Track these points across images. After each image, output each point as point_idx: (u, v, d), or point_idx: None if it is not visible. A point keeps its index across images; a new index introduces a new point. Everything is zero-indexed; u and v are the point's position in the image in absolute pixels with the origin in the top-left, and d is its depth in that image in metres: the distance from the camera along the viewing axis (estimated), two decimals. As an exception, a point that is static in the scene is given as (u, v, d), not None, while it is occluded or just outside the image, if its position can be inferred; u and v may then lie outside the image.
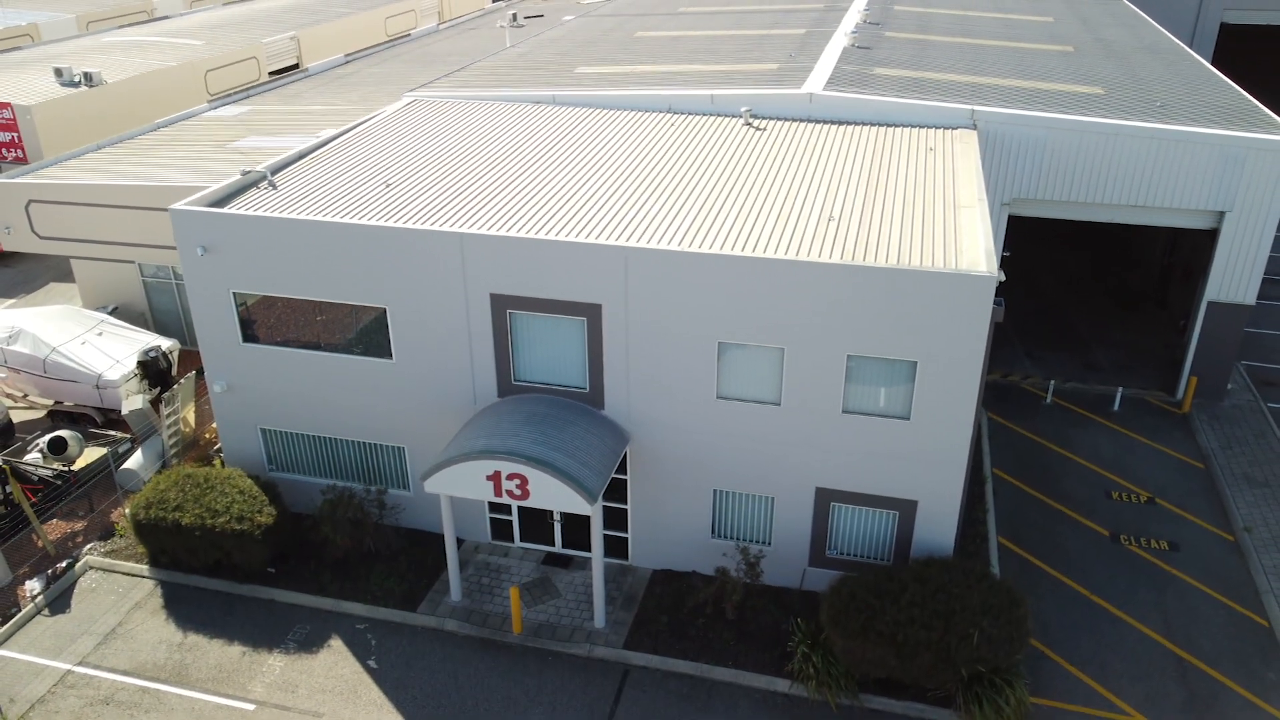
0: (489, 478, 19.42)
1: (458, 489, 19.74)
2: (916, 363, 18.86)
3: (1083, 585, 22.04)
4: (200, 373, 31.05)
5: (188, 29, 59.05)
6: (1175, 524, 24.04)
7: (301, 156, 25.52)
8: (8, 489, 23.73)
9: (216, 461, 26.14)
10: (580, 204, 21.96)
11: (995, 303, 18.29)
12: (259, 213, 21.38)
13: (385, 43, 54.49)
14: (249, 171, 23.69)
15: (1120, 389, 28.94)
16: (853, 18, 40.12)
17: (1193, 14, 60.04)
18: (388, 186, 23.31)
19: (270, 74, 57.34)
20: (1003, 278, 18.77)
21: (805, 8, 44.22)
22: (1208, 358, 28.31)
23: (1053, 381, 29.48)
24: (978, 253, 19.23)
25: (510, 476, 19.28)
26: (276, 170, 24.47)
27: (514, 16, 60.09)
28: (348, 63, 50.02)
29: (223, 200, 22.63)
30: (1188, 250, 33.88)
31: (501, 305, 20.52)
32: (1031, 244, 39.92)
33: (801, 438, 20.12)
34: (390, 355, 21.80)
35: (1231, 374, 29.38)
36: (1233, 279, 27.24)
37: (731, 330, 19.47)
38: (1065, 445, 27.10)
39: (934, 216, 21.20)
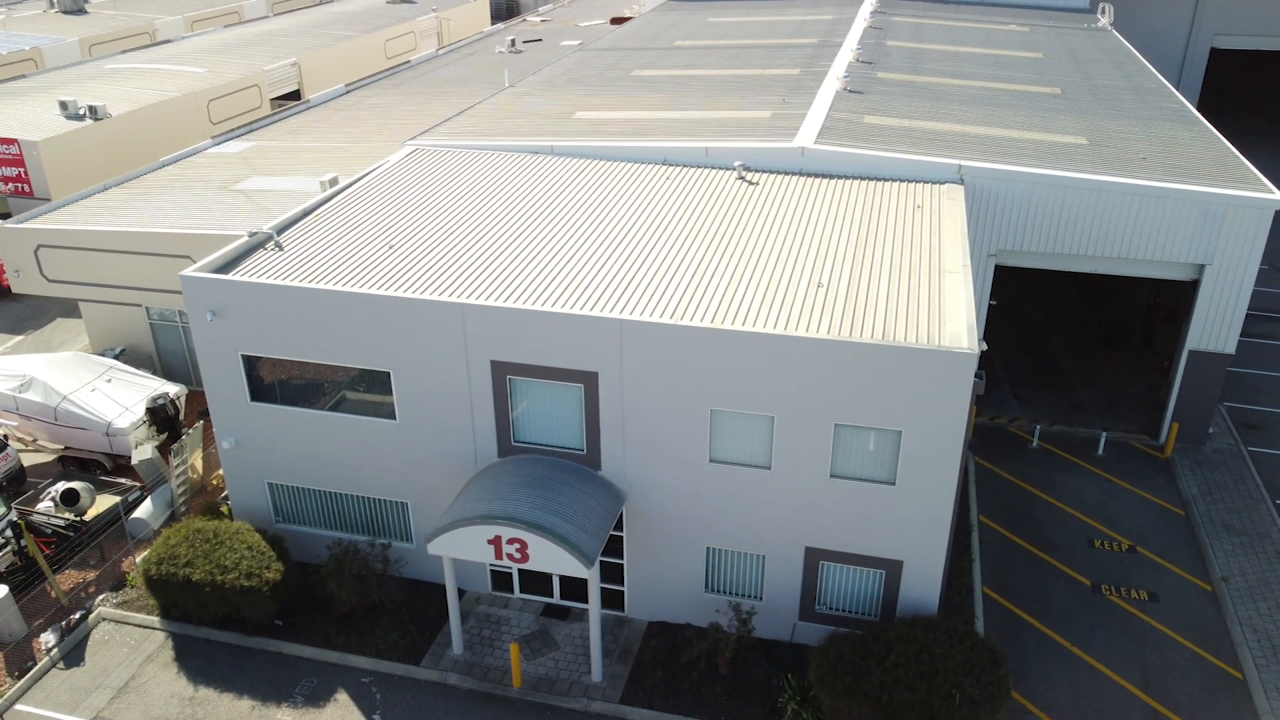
0: (490, 541, 20.16)
1: (460, 551, 20.47)
2: (901, 432, 19.60)
3: (1064, 637, 22.79)
4: (205, 413, 31.83)
5: (189, 54, 59.70)
6: (1155, 573, 24.79)
7: (306, 214, 26.23)
8: (22, 543, 24.45)
9: (224, 509, 26.86)
10: (578, 267, 22.69)
11: (976, 376, 19.03)
12: (266, 280, 22.10)
13: (385, 70, 55.16)
14: (256, 233, 24.40)
15: (1104, 434, 29.70)
16: (845, 56, 40.85)
17: (1183, 39, 60.83)
18: (391, 248, 24.03)
19: (272, 100, 58.07)
20: (984, 347, 19.53)
21: (800, 42, 44.96)
22: (1189, 404, 29.06)
23: (1039, 426, 30.23)
24: (960, 326, 19.97)
25: (511, 541, 20.02)
26: (283, 229, 25.19)
27: (512, 42, 61.00)
28: (348, 92, 50.70)
29: (231, 263, 23.35)
30: (1172, 291, 34.66)
31: (502, 371, 21.26)
32: (1019, 278, 40.66)
33: (791, 500, 20.86)
34: (394, 416, 22.52)
35: (1213, 417, 30.12)
36: (1213, 329, 27.99)
37: (723, 398, 20.20)
38: (1050, 491, 27.85)
39: (920, 282, 21.94)
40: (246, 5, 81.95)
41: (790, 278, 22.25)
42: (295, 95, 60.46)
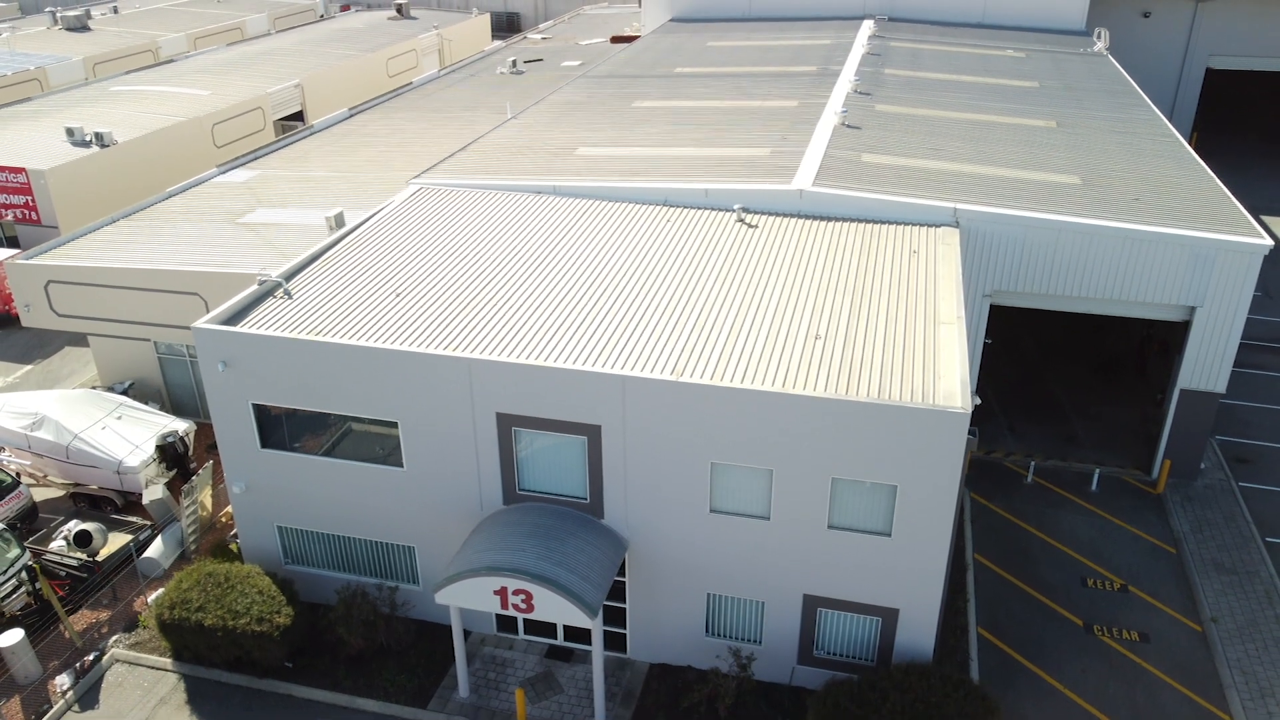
0: (496, 592, 20.67)
1: (467, 601, 20.99)
2: (896, 486, 20.13)
3: (1057, 679, 23.31)
4: (214, 447, 32.33)
5: (192, 75, 60.19)
6: (1146, 613, 25.31)
7: (314, 258, 26.73)
8: (37, 585, 24.96)
9: (233, 546, 27.37)
10: (581, 317, 23.21)
11: (969, 434, 19.53)
12: (277, 332, 22.61)
13: (388, 93, 55.63)
14: (265, 280, 24.91)
15: (1098, 470, 30.22)
16: (843, 87, 41.36)
17: (1179, 60, 61.40)
18: (398, 295, 24.55)
19: (276, 121, 58.58)
20: (977, 401, 20.06)
21: (799, 70, 45.47)
22: (1181, 441, 29.58)
23: (1033, 462, 30.75)
24: (954, 382, 20.48)
25: (516, 592, 20.53)
26: (291, 275, 25.70)
27: (513, 63, 61.47)
28: (351, 116, 51.18)
29: (242, 312, 23.86)
30: (1164, 324, 35.18)
31: (507, 423, 21.77)
32: (1015, 308, 41.11)
33: (790, 549, 21.39)
34: (402, 464, 23.04)
35: (1204, 452, 30.63)
36: (1204, 368, 28.52)
37: (723, 452, 20.72)
38: (1044, 528, 28.37)
39: (915, 334, 22.46)
40: (249, 21, 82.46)
41: (788, 329, 22.77)
42: (298, 116, 60.99)
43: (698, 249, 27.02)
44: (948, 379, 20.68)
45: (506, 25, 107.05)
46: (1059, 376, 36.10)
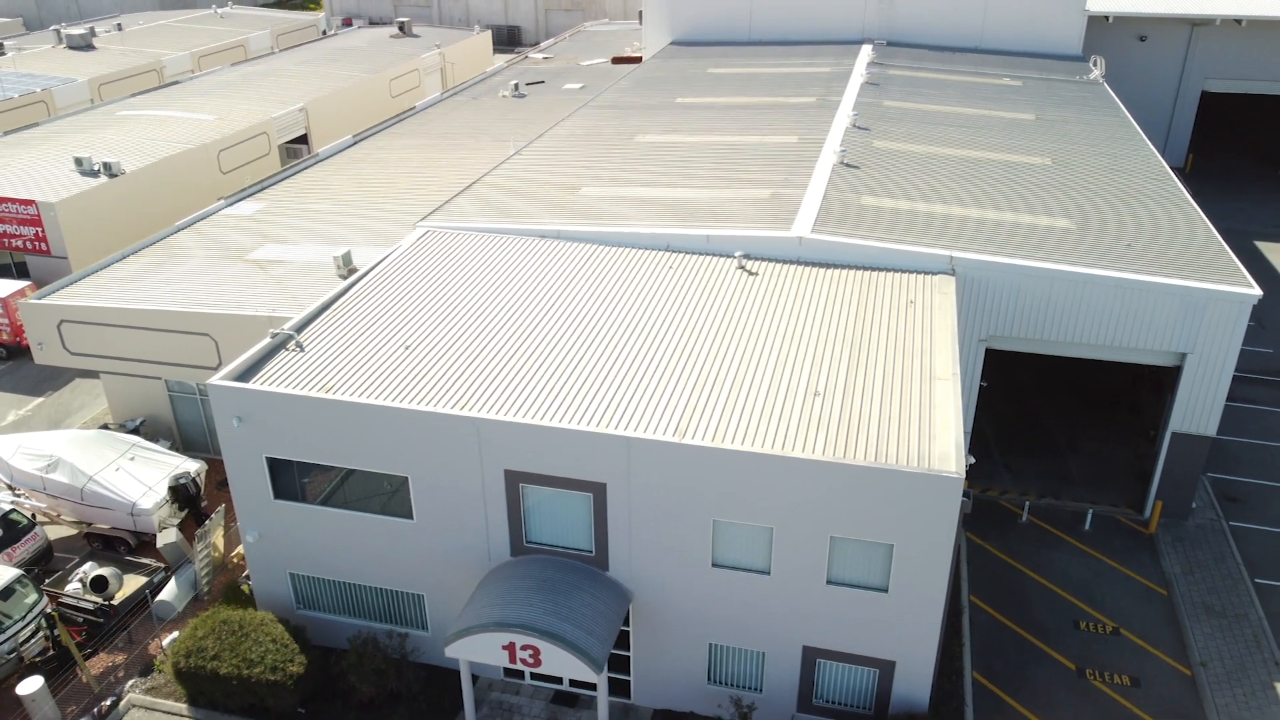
0: (504, 647, 21.30)
1: (477, 655, 21.62)
2: (893, 545, 20.76)
3: (1049, 725, 23.97)
4: (224, 483, 32.95)
5: (198, 98, 60.74)
6: (1138, 656, 25.95)
7: (325, 308, 27.34)
8: (55, 631, 25.58)
9: (245, 587, 27.98)
10: (586, 372, 23.84)
11: (963, 496, 20.18)
12: (289, 390, 23.23)
13: (391, 119, 56.23)
14: (277, 333, 25.53)
15: (1091, 510, 30.85)
16: (842, 121, 41.95)
17: (1175, 83, 62.05)
18: (407, 349, 25.18)
19: (280, 145, 59.18)
20: (971, 461, 20.70)
21: (798, 102, 46.07)
22: (1173, 482, 30.21)
23: (1028, 502, 31.38)
24: (948, 443, 21.10)
25: (524, 647, 21.16)
26: (302, 327, 26.31)
27: (515, 86, 62.07)
28: (355, 143, 51.78)
29: (255, 366, 24.47)
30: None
31: (514, 479, 22.39)
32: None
33: (790, 603, 22.02)
34: (412, 516, 23.67)
35: (1196, 492, 31.26)
36: (1195, 413, 29.14)
37: (725, 510, 21.36)
38: (1038, 569, 29.00)
39: (912, 390, 23.09)
40: (252, 38, 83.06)
41: (788, 384, 23.39)
42: (303, 139, 61.60)
43: (700, 298, 27.64)
44: (943, 439, 21.30)
45: (508, 39, 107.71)
46: (1054, 410, 36.72)
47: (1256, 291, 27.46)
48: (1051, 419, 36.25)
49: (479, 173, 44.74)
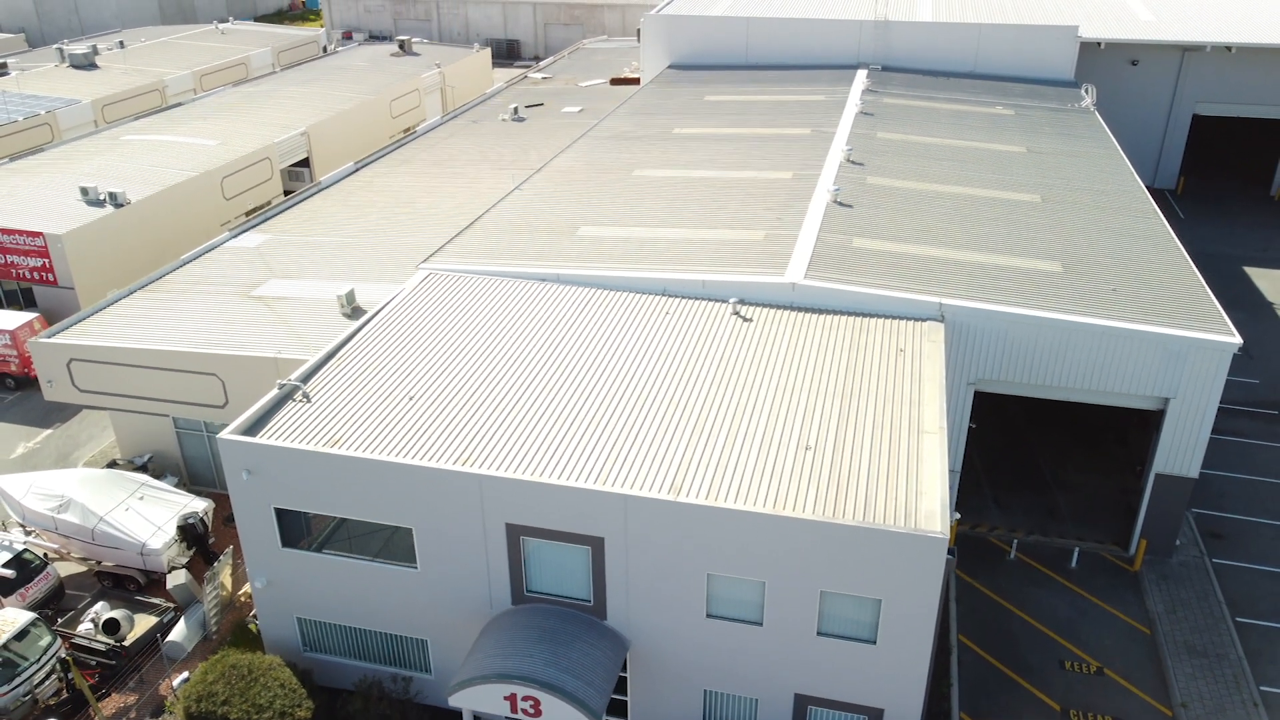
0: (506, 698, 22.07)
1: (479, 705, 22.39)
2: (881, 600, 21.53)
3: (1033, 767, 24.74)
4: (231, 519, 33.69)
5: (200, 121, 61.46)
6: (1121, 697, 26.72)
7: (330, 356, 28.08)
8: (69, 675, 26.32)
9: (252, 626, 28.75)
10: (585, 424, 24.60)
11: (948, 555, 20.95)
12: (296, 441, 23.99)
13: (392, 144, 56.96)
14: (285, 384, 26.28)
15: (1077, 547, 31.64)
16: (836, 155, 42.70)
17: (1166, 107, 62.84)
18: (411, 399, 25.93)
19: (283, 170, 59.91)
20: (957, 516, 21.47)
21: (793, 133, 46.83)
22: (1157, 521, 30.99)
23: (1015, 540, 32.15)
24: (934, 501, 21.86)
25: (525, 698, 21.93)
26: (308, 376, 27.05)
27: (515, 110, 62.83)
28: (357, 170, 52.51)
29: (263, 418, 25.22)
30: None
31: (515, 532, 23.16)
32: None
33: (782, 653, 22.79)
34: (415, 565, 24.43)
35: (1180, 529, 32.03)
36: (1178, 455, 29.92)
37: (718, 564, 22.12)
38: (1024, 607, 29.77)
39: (900, 444, 23.86)
40: (253, 56, 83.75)
41: (781, 437, 24.16)
42: (305, 163, 62.33)
43: (696, 346, 28.40)
44: (929, 497, 22.06)
45: (507, 52, 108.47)
46: (1043, 443, 37.48)
47: (1236, 340, 28.22)
48: (1040, 452, 37.01)
49: (479, 203, 45.55)
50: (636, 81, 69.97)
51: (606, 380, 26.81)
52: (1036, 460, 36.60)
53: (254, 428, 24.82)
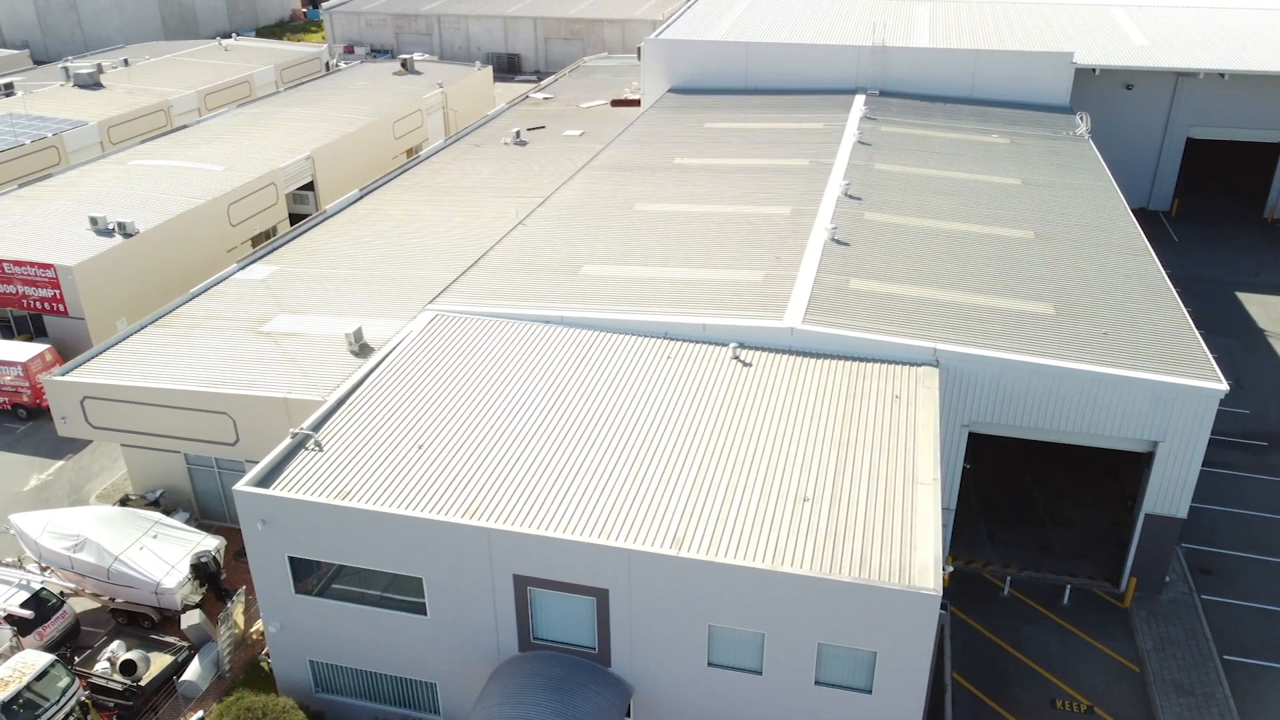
0: (514, 746, 22.84)
1: (487, 752, 23.16)
2: (876, 652, 22.30)
3: (1025, 807, 25.50)
4: (242, 554, 34.43)
5: (206, 144, 62.18)
6: (1110, 736, 27.51)
7: (341, 403, 28.84)
8: (88, 717, 27.06)
9: (264, 664, 29.50)
10: (590, 474, 25.38)
11: (941, 609, 21.70)
12: (309, 493, 24.75)
13: (396, 170, 57.67)
14: (297, 433, 27.03)
15: (1069, 585, 32.40)
16: (835, 189, 43.45)
17: (1160, 130, 63.62)
18: (420, 448, 26.69)
19: (287, 194, 60.62)
20: (950, 569, 22.20)
21: (792, 164, 47.60)
22: (1146, 559, 31.75)
23: (1009, 576, 32.91)
24: (928, 554, 22.62)
25: (532, 746, 22.70)
26: (319, 424, 27.80)
27: (517, 134, 63.58)
28: (362, 198, 53.25)
29: (277, 468, 25.97)
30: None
31: (523, 582, 23.92)
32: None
33: (780, 700, 23.55)
34: (425, 613, 25.19)
35: (1169, 566, 32.79)
36: (1166, 496, 30.68)
37: (719, 616, 22.89)
38: (1018, 645, 30.52)
39: (895, 495, 24.63)
40: (256, 74, 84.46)
41: (779, 489, 24.93)
42: (309, 186, 63.04)
43: (697, 393, 29.15)
44: (923, 551, 22.82)
45: (508, 66, 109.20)
46: (1037, 477, 38.23)
47: (1223, 387, 28.99)
48: (1034, 485, 37.76)
49: (483, 234, 46.32)
50: (637, 103, 70.73)
51: (610, 429, 27.56)
52: (1031, 494, 37.36)
53: (268, 478, 25.57)
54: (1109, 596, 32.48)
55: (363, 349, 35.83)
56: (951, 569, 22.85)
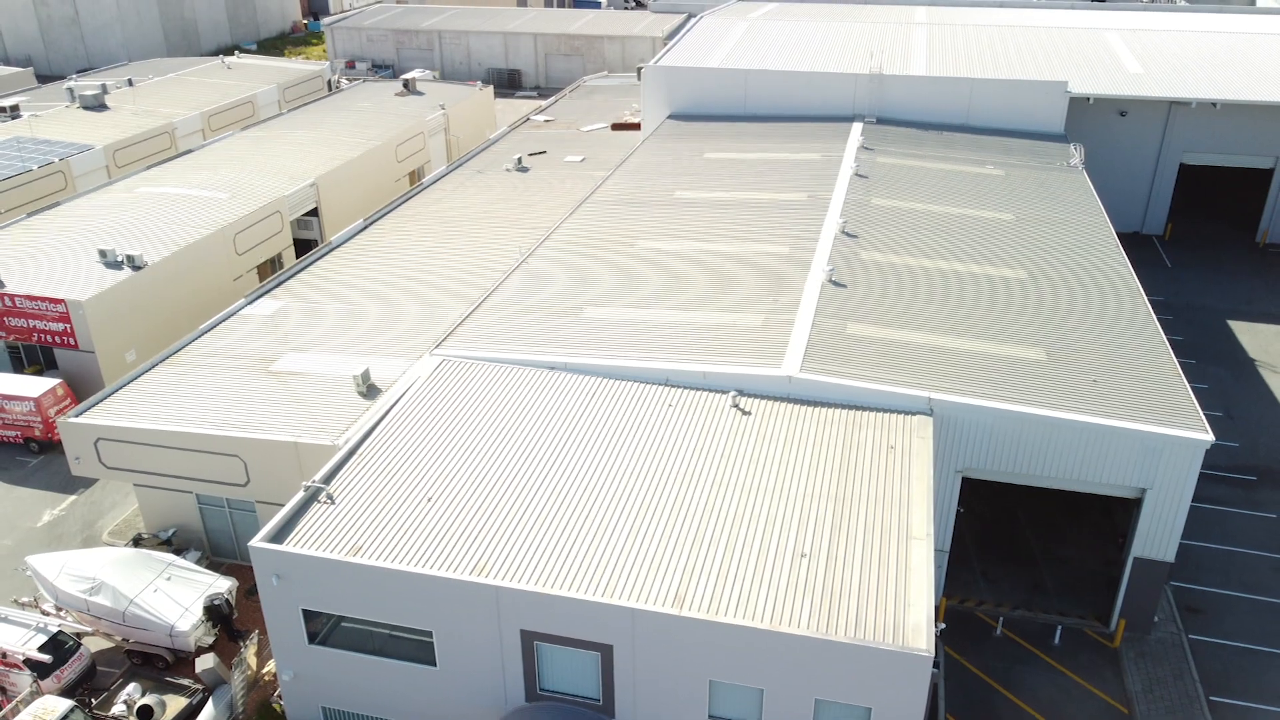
0: (521, 798, 23.67)
1: (495, 803, 24.00)
2: (870, 709, 23.13)
3: None
4: (253, 592, 35.23)
5: (211, 170, 62.91)
6: (1098, 779, 28.34)
7: (351, 454, 29.65)
8: (107, 763, 27.94)
9: (276, 705, 30.32)
10: (594, 530, 26.21)
11: (933, 668, 22.53)
12: (322, 550, 25.56)
13: (399, 198, 58.46)
14: (309, 486, 27.85)
15: (1060, 625, 33.24)
16: (832, 225, 44.29)
17: (1154, 156, 64.47)
18: (429, 501, 27.52)
19: (292, 222, 61.40)
20: (942, 627, 23.04)
21: (790, 198, 48.43)
22: (1135, 601, 32.59)
23: (1001, 616, 33.75)
24: (920, 613, 23.44)
25: (539, 799, 23.53)
26: (330, 476, 28.61)
27: (519, 160, 64.39)
28: (366, 228, 54.05)
29: (291, 522, 26.78)
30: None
31: (530, 637, 24.75)
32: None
33: (778, 752, 24.41)
34: (435, 664, 26.01)
35: (1159, 605, 33.63)
36: (1155, 541, 31.52)
37: (720, 672, 23.73)
38: (1010, 685, 31.36)
39: (890, 550, 25.47)
40: (260, 94, 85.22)
41: (777, 545, 25.77)
42: (314, 213, 63.80)
43: (697, 444, 29.97)
44: (916, 609, 23.65)
45: (508, 82, 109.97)
46: (1030, 515, 39.04)
47: (1209, 438, 29.82)
48: (1027, 522, 38.59)
49: (486, 268, 47.16)
50: (637, 127, 71.55)
51: (614, 482, 28.38)
52: (1024, 531, 38.19)
53: (282, 533, 26.39)
54: (1099, 636, 33.32)
55: (370, 390, 36.64)
56: (944, 626, 23.66)
